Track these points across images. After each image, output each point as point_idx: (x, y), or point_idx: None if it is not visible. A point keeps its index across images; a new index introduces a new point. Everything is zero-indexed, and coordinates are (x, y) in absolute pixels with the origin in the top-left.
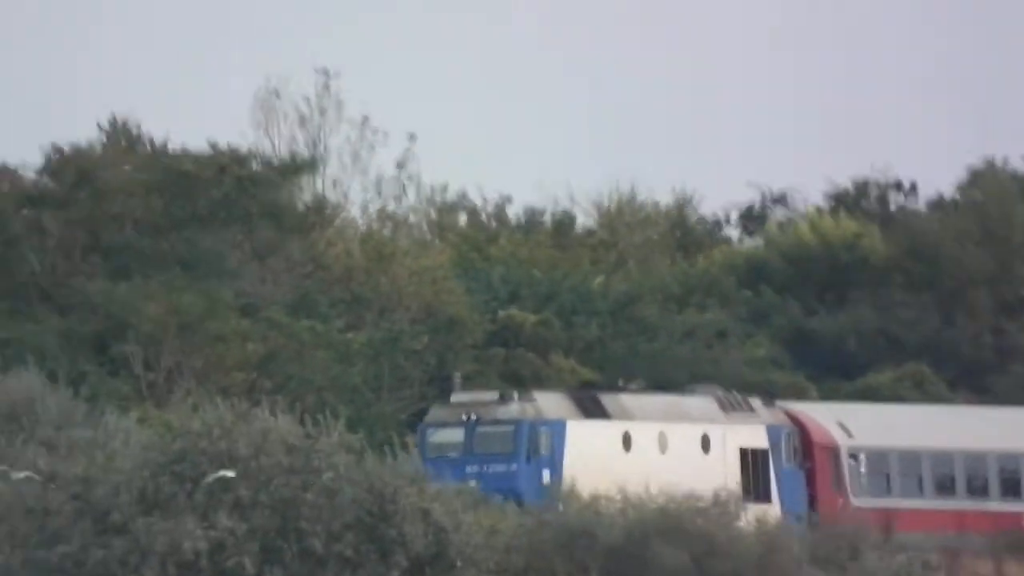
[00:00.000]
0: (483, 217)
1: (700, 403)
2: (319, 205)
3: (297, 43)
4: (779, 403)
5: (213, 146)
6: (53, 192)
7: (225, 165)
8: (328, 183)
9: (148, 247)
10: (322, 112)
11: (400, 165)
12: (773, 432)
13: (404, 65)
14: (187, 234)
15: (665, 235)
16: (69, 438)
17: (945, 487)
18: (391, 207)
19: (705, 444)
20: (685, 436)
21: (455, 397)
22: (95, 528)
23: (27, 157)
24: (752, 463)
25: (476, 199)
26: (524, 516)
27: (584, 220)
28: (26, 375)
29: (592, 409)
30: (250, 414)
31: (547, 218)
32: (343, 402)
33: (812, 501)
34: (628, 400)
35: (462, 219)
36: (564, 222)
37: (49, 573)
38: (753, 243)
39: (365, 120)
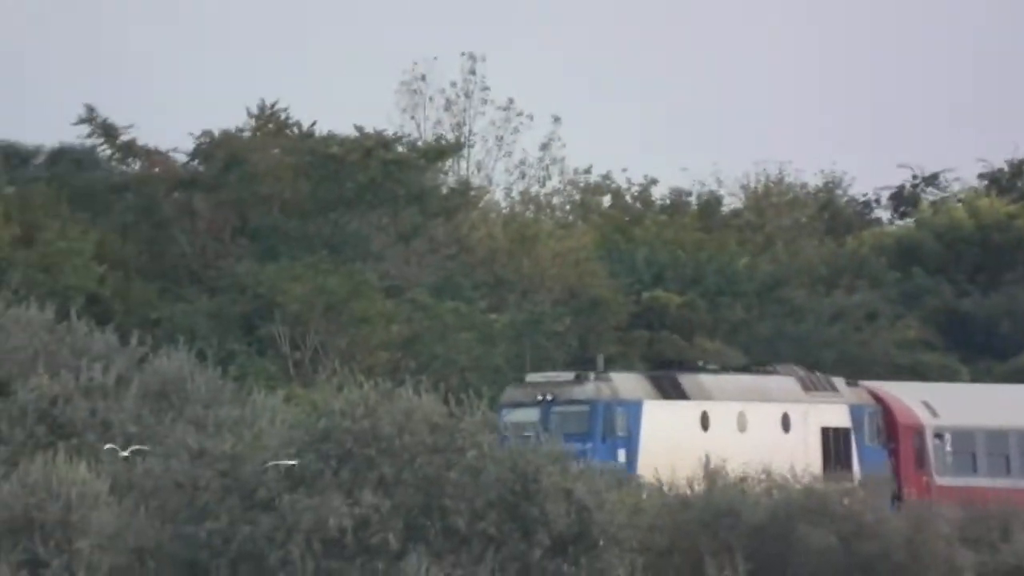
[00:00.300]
0: (627, 199)
1: (781, 382)
2: (463, 188)
3: (443, 27)
4: (863, 383)
5: (359, 130)
6: (203, 175)
7: (371, 148)
8: (472, 166)
9: (295, 229)
10: (467, 96)
11: (544, 147)
12: (856, 411)
13: (549, 48)
14: (333, 217)
15: (813, 217)
16: (217, 416)
17: None
18: (535, 189)
19: (785, 423)
20: (765, 415)
21: (530, 377)
22: (242, 504)
23: (178, 142)
24: (834, 442)
25: (620, 181)
26: (668, 495)
27: (730, 202)
28: (176, 354)
29: (669, 389)
30: (394, 393)
31: (693, 199)
32: (486, 382)
33: (896, 481)
34: (707, 380)
35: (606, 201)
36: (710, 203)
37: (197, 548)
38: (903, 225)
39: (510, 103)
